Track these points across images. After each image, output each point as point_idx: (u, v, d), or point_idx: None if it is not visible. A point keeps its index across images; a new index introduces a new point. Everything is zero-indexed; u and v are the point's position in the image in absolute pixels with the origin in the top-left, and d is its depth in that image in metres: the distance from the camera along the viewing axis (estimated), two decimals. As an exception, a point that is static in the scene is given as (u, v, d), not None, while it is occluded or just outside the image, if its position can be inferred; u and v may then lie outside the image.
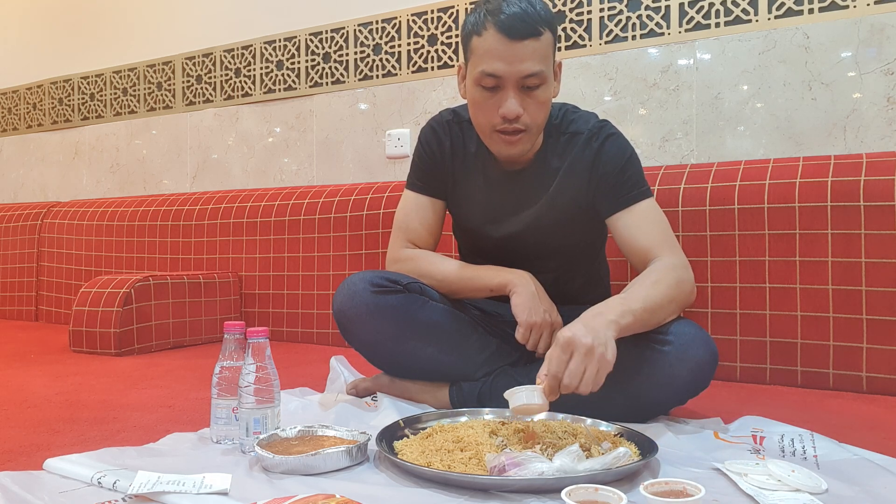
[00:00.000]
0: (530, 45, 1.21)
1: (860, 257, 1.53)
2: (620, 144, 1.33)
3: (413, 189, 1.46)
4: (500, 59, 1.21)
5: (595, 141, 1.32)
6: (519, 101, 1.24)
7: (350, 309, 1.31)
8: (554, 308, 1.30)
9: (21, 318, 3.02)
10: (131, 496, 0.87)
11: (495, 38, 1.21)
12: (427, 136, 1.44)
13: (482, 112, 1.28)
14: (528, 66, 1.21)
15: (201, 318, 2.29)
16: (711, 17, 1.89)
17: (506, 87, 1.23)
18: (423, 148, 1.44)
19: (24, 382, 1.64)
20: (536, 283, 1.31)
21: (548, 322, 1.26)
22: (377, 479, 0.96)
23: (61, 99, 3.29)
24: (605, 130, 1.33)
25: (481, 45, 1.24)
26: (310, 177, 2.59)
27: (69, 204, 3.06)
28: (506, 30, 1.20)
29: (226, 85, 2.78)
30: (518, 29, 1.20)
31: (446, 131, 1.42)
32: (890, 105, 1.69)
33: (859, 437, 1.14)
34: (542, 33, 1.22)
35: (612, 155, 1.31)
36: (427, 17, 2.33)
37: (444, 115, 1.44)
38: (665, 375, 1.18)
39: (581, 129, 1.34)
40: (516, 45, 1.20)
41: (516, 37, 1.20)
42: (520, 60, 1.21)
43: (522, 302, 1.27)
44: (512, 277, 1.31)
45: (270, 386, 1.08)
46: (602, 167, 1.31)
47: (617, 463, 0.91)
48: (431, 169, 1.43)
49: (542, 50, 1.23)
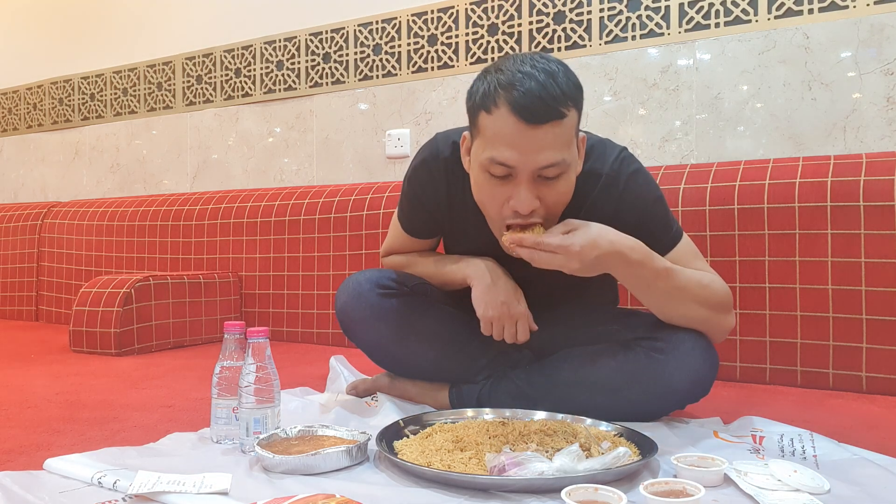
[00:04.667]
0: (551, 130, 1.01)
1: (860, 257, 1.53)
2: (644, 187, 1.18)
3: (403, 227, 1.36)
4: (513, 146, 1.02)
5: (616, 187, 1.16)
6: (534, 192, 1.06)
7: (354, 309, 1.30)
8: (515, 295, 1.22)
9: (21, 318, 3.02)
10: (131, 496, 0.87)
11: (508, 122, 1.02)
12: (421, 178, 1.26)
13: (490, 200, 1.10)
14: (548, 156, 1.03)
15: (201, 318, 2.29)
16: (711, 18, 1.89)
17: (519, 177, 1.05)
18: (414, 190, 1.28)
19: (24, 382, 1.64)
20: (495, 271, 1.23)
21: (506, 314, 1.20)
22: (377, 479, 0.96)
23: (61, 99, 3.29)
24: (626, 169, 1.17)
25: (491, 126, 1.04)
26: (310, 177, 2.59)
27: (69, 204, 3.06)
28: (521, 113, 1.00)
29: (226, 85, 2.78)
30: (537, 112, 1.00)
31: (442, 173, 1.24)
32: (890, 105, 1.69)
33: (859, 437, 1.14)
34: (565, 115, 1.02)
35: (636, 204, 1.16)
36: (427, 17, 2.33)
37: (441, 148, 1.23)
38: (663, 384, 1.16)
39: (598, 168, 1.17)
40: (534, 132, 1.01)
41: (534, 121, 1.01)
42: (537, 150, 1.02)
43: (479, 295, 1.21)
44: (469, 270, 1.24)
45: (270, 386, 1.08)
46: (626, 217, 1.15)
47: (617, 463, 0.91)
48: (422, 216, 1.32)
49: (565, 135, 1.04)
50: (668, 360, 1.16)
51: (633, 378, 1.17)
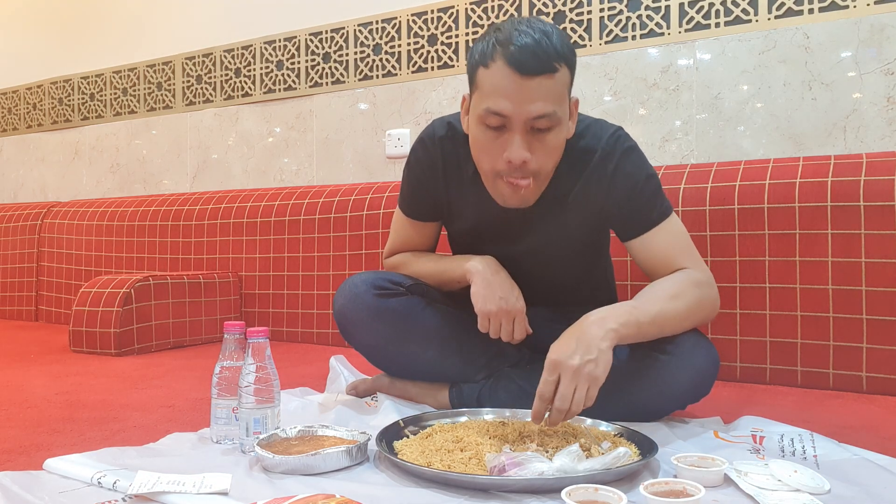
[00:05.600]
0: (543, 82, 1.08)
1: (860, 257, 1.53)
2: (637, 163, 1.22)
3: (404, 211, 1.38)
4: (507, 96, 1.09)
5: (610, 162, 1.21)
6: (527, 144, 1.11)
7: (352, 311, 1.30)
8: (513, 292, 1.23)
9: (21, 318, 3.02)
10: (131, 496, 0.87)
11: (503, 73, 1.08)
12: (417, 156, 1.32)
13: (485, 154, 1.16)
14: (539, 106, 1.08)
15: (201, 318, 2.29)
16: (711, 17, 1.89)
17: (512, 128, 1.11)
18: (412, 170, 1.34)
19: (24, 382, 1.64)
20: (495, 268, 1.25)
21: (504, 310, 1.21)
22: (377, 479, 0.96)
23: (61, 99, 3.29)
24: (620, 146, 1.21)
25: (488, 80, 1.11)
26: (310, 177, 2.59)
27: (69, 204, 3.06)
28: (516, 64, 1.07)
29: (226, 85, 2.78)
30: (530, 64, 1.07)
31: (438, 150, 1.29)
32: (890, 105, 1.69)
33: (859, 437, 1.14)
34: (556, 70, 1.09)
35: (627, 180, 1.21)
36: (427, 17, 2.33)
37: (437, 128, 1.30)
38: (664, 384, 1.17)
39: (593, 145, 1.22)
40: (527, 82, 1.07)
41: (527, 72, 1.07)
42: (530, 100, 1.08)
43: (477, 290, 1.22)
44: (469, 266, 1.25)
45: (270, 386, 1.08)
46: (617, 192, 1.21)
47: (617, 463, 0.91)
48: (421, 194, 1.34)
49: (557, 89, 1.10)
50: (669, 359, 1.16)
51: (634, 377, 1.17)
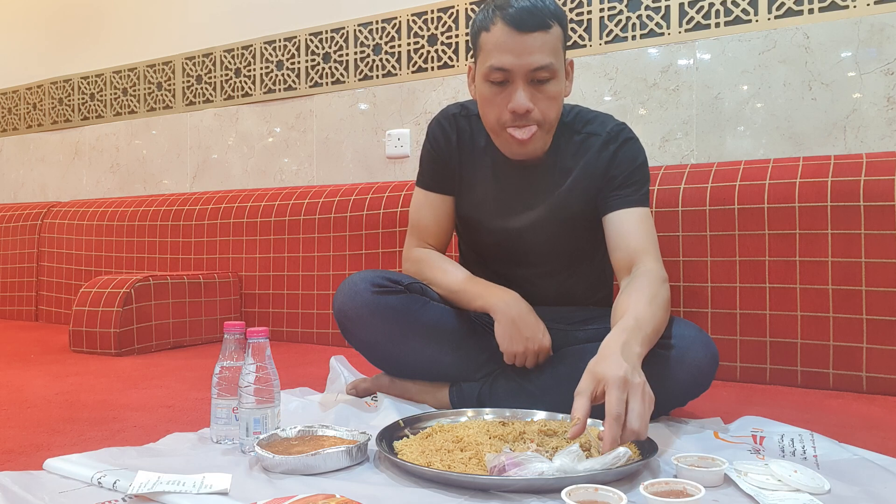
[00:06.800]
0: (539, 37, 1.20)
1: (860, 257, 1.53)
2: (637, 150, 1.32)
3: (422, 186, 1.44)
4: (508, 51, 1.20)
5: (613, 144, 1.31)
6: (529, 95, 1.22)
7: (351, 309, 1.30)
8: (538, 329, 1.26)
9: (21, 318, 3.02)
10: (131, 496, 0.87)
11: (503, 32, 1.21)
12: (434, 132, 1.42)
13: (491, 108, 1.26)
14: (538, 58, 1.20)
15: (201, 318, 2.29)
16: (711, 17, 1.89)
17: (515, 80, 1.22)
18: (430, 144, 1.43)
19: (24, 382, 1.64)
20: (520, 305, 1.27)
21: (531, 350, 1.25)
22: (377, 479, 0.96)
23: (61, 99, 3.29)
24: (624, 134, 1.32)
25: (490, 40, 1.23)
26: (310, 177, 2.59)
27: (69, 204, 3.06)
28: (514, 22, 1.19)
29: (226, 85, 2.78)
30: (526, 21, 1.19)
31: (453, 125, 1.40)
32: (890, 105, 1.69)
33: (859, 437, 1.14)
34: (550, 26, 1.21)
35: (625, 159, 1.31)
36: (427, 17, 2.33)
37: (451, 108, 1.43)
38: (664, 378, 1.16)
39: (598, 131, 1.33)
40: (525, 38, 1.20)
41: (525, 29, 1.19)
42: (528, 53, 1.20)
43: (503, 331, 1.25)
44: (494, 301, 1.27)
45: (270, 386, 1.08)
46: (614, 169, 1.30)
47: (617, 463, 0.91)
48: (439, 165, 1.41)
49: (552, 43, 1.22)
50: (669, 354, 1.17)
51: None
